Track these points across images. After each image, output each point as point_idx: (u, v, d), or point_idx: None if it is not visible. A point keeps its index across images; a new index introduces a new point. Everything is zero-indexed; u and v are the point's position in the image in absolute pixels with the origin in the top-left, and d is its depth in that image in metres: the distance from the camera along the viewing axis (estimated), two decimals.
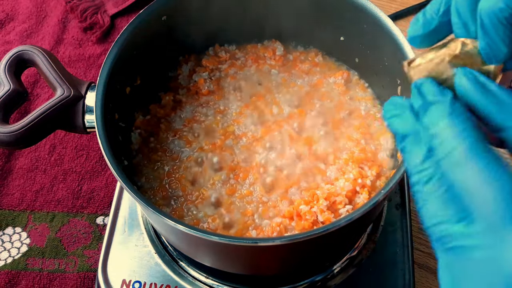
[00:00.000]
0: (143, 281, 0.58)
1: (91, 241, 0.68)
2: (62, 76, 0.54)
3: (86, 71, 0.84)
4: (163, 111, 0.63)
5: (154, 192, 0.57)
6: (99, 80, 0.53)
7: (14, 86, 0.53)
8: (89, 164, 0.74)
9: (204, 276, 0.59)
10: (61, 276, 0.65)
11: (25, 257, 0.66)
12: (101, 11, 0.90)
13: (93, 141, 0.76)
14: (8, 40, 0.87)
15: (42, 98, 0.81)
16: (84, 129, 0.54)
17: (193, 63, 0.66)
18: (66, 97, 0.53)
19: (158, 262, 0.60)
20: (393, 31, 0.55)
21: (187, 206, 0.56)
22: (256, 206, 0.55)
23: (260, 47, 0.67)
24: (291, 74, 0.66)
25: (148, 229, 0.62)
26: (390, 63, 0.59)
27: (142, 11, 0.58)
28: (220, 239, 0.43)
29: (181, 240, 0.52)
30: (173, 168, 0.58)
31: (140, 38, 0.58)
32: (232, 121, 0.61)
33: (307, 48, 0.68)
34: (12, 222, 0.69)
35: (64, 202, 0.71)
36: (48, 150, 0.75)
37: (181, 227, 0.43)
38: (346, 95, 0.64)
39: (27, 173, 0.73)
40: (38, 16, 0.90)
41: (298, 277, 0.58)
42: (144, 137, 0.61)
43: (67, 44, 0.87)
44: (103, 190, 0.72)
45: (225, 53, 0.67)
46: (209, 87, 0.64)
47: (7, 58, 0.54)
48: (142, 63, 0.60)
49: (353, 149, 0.58)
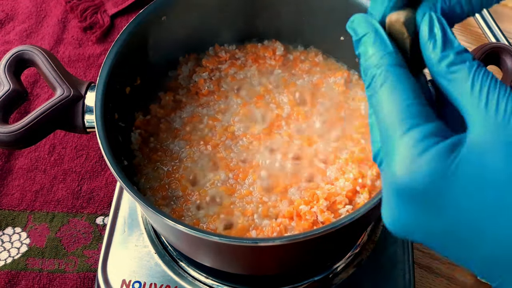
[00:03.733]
0: (143, 281, 0.58)
1: (91, 241, 0.67)
2: (62, 76, 0.54)
3: (86, 71, 0.84)
4: (163, 111, 0.63)
5: (154, 192, 0.57)
6: (99, 80, 0.53)
7: (14, 86, 0.53)
8: (89, 164, 0.74)
9: (204, 276, 0.59)
10: (61, 276, 0.65)
11: (25, 257, 0.66)
12: (101, 11, 0.90)
13: (93, 141, 0.76)
14: (7, 40, 0.87)
15: (42, 98, 0.81)
16: (84, 129, 0.54)
17: (193, 63, 0.66)
18: (66, 97, 0.53)
19: (158, 262, 0.59)
20: None
21: (187, 206, 0.56)
22: (256, 206, 0.55)
23: (260, 47, 0.67)
24: (291, 74, 0.66)
25: (148, 229, 0.62)
26: None
27: (142, 11, 0.58)
28: (220, 239, 0.43)
29: (181, 240, 0.52)
30: (173, 168, 0.58)
31: (140, 38, 0.58)
32: (232, 121, 0.61)
33: (307, 48, 0.68)
34: (12, 222, 0.69)
35: (64, 202, 0.71)
36: (48, 150, 0.75)
37: (181, 227, 0.43)
38: (346, 95, 0.64)
39: (27, 173, 0.73)
40: (38, 16, 0.90)
41: (298, 277, 0.58)
42: (144, 137, 0.61)
43: (67, 44, 0.87)
44: (103, 190, 0.72)
45: (225, 53, 0.67)
46: (209, 87, 0.64)
47: (7, 58, 0.54)
48: (142, 63, 0.60)
49: (353, 149, 0.58)
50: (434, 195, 0.29)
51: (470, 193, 0.28)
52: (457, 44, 0.30)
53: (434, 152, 0.29)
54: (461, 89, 0.29)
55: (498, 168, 0.28)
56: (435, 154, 0.28)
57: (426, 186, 0.29)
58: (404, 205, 0.30)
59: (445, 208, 0.29)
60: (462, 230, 0.29)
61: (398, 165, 0.29)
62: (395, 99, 0.30)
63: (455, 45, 0.30)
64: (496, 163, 0.28)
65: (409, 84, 0.30)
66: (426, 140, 0.29)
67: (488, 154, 0.28)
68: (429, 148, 0.29)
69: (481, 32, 0.83)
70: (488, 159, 0.28)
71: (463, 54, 0.30)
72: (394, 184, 0.30)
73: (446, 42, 0.30)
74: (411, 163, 0.29)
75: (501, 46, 0.55)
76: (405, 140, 0.29)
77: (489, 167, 0.28)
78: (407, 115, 0.29)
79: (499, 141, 0.28)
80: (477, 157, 0.28)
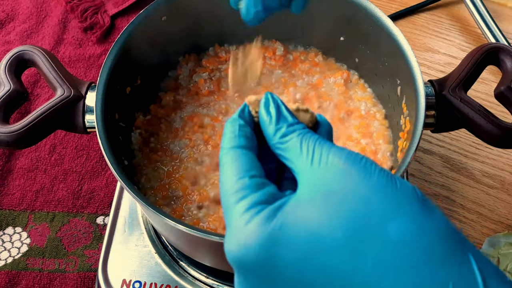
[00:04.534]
0: (143, 281, 0.58)
1: (91, 241, 0.68)
2: (62, 76, 0.54)
3: (86, 71, 0.84)
4: (163, 111, 0.63)
5: (154, 192, 0.57)
6: (99, 80, 0.53)
7: (15, 86, 0.53)
8: (89, 164, 0.74)
9: (204, 276, 0.59)
10: (61, 276, 0.65)
11: (25, 257, 0.66)
12: (101, 11, 0.90)
13: (93, 141, 0.76)
14: (8, 40, 0.87)
15: (42, 98, 0.81)
16: (84, 129, 0.54)
17: (193, 63, 0.67)
18: (66, 97, 0.53)
19: (158, 262, 0.60)
20: (393, 31, 0.55)
21: (187, 206, 0.56)
22: None
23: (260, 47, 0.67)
24: (291, 74, 0.66)
25: (148, 229, 0.62)
26: (390, 63, 0.59)
27: (142, 11, 0.58)
28: (221, 239, 0.43)
29: (181, 240, 0.52)
30: (173, 168, 0.58)
31: (140, 38, 0.58)
32: None
33: (307, 48, 0.68)
34: (13, 222, 0.69)
35: (64, 202, 0.71)
36: (48, 150, 0.75)
37: (181, 227, 0.43)
38: (346, 95, 0.64)
39: (27, 173, 0.73)
40: (38, 16, 0.90)
41: None
42: (145, 137, 0.61)
43: (67, 44, 0.87)
44: (103, 190, 0.72)
45: (225, 53, 0.67)
46: (209, 87, 0.64)
47: (7, 58, 0.54)
48: (142, 63, 0.60)
49: (353, 149, 0.58)
50: (265, 265, 0.28)
51: (301, 255, 0.27)
52: (290, 119, 0.32)
53: (257, 220, 0.28)
54: (293, 152, 0.31)
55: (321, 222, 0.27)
56: (258, 221, 0.28)
57: (256, 257, 0.28)
58: (244, 279, 0.29)
59: (279, 277, 0.28)
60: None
61: (231, 238, 0.29)
62: (229, 175, 0.31)
63: (289, 120, 0.32)
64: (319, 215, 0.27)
65: (245, 161, 0.31)
66: (251, 210, 0.29)
67: (311, 208, 0.28)
68: (252, 217, 0.28)
69: (481, 32, 0.84)
70: (312, 214, 0.27)
71: (294, 125, 0.32)
72: (230, 256, 0.29)
73: (279, 118, 0.33)
74: (240, 234, 0.29)
75: (501, 46, 0.55)
76: (235, 211, 0.29)
77: (313, 222, 0.27)
78: (238, 187, 0.30)
79: (320, 191, 0.28)
80: (302, 215, 0.28)
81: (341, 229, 0.27)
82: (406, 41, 0.55)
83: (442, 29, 0.86)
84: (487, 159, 0.71)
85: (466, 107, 0.52)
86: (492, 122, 0.51)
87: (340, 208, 0.27)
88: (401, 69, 0.55)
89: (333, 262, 0.27)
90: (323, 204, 0.28)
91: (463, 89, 0.53)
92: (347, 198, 0.27)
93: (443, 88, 0.54)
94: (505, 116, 0.56)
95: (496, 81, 0.74)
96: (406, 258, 0.26)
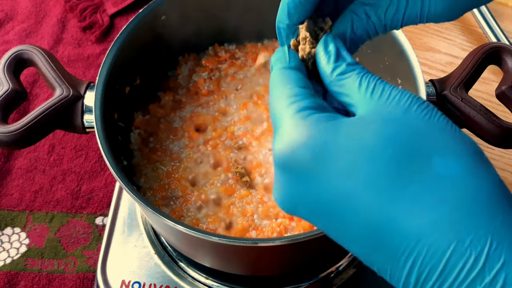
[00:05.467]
0: (142, 282, 0.58)
1: (90, 242, 0.67)
2: (61, 75, 0.54)
3: (85, 71, 0.84)
4: (162, 111, 0.62)
5: (154, 193, 0.57)
6: (98, 80, 0.52)
7: (13, 86, 0.53)
8: (88, 164, 0.74)
9: (204, 277, 0.58)
10: (60, 276, 0.65)
11: (24, 258, 0.66)
12: (100, 11, 0.89)
13: (92, 141, 0.76)
14: (7, 40, 0.87)
15: (41, 98, 0.80)
16: (83, 129, 0.54)
17: (192, 63, 0.66)
18: (65, 97, 0.52)
19: (158, 262, 0.59)
20: (393, 31, 0.55)
21: (187, 206, 0.55)
22: (255, 206, 0.55)
23: (260, 47, 0.67)
24: None
25: (147, 229, 0.62)
26: (390, 63, 0.58)
27: (142, 11, 0.58)
28: (220, 239, 0.43)
29: (181, 241, 0.52)
30: (173, 168, 0.58)
31: (139, 37, 0.58)
32: (232, 121, 0.61)
33: None
34: (11, 223, 0.69)
35: (63, 202, 0.71)
36: (47, 150, 0.75)
37: (181, 227, 0.43)
38: None
39: (26, 173, 0.73)
40: (37, 15, 0.90)
41: (298, 278, 0.58)
42: (144, 137, 0.61)
43: (66, 43, 0.86)
44: (102, 190, 0.71)
45: (224, 52, 0.67)
46: (209, 87, 0.64)
47: (6, 58, 0.54)
48: (142, 62, 0.60)
49: None
50: (311, 168, 0.29)
51: (348, 165, 0.29)
52: (349, 58, 0.33)
53: (313, 118, 0.30)
54: (350, 89, 0.32)
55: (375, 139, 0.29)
56: (314, 119, 0.30)
57: (305, 154, 0.29)
58: (287, 176, 0.31)
59: (324, 177, 0.29)
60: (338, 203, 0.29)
61: (282, 136, 0.31)
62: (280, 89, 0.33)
63: (348, 59, 0.33)
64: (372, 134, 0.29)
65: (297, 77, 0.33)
66: (306, 111, 0.31)
67: (367, 127, 0.29)
68: (309, 114, 0.30)
69: (482, 32, 0.83)
70: (366, 133, 0.29)
71: (354, 65, 0.33)
72: (280, 154, 0.30)
73: (339, 56, 0.34)
74: (293, 129, 0.30)
75: (502, 46, 0.54)
76: (289, 111, 0.31)
77: (367, 136, 0.29)
78: (291, 93, 0.32)
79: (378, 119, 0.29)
80: (357, 130, 0.29)
81: (392, 148, 0.28)
82: (407, 41, 0.55)
83: (443, 28, 0.85)
84: (489, 159, 0.71)
85: (467, 106, 0.52)
86: (494, 122, 0.51)
87: (397, 132, 0.28)
88: (402, 69, 0.55)
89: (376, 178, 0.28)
90: (381, 127, 0.29)
91: (464, 89, 0.53)
92: (406, 128, 0.29)
93: (444, 87, 0.54)
94: (507, 116, 0.56)
95: (497, 81, 0.73)
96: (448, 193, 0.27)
